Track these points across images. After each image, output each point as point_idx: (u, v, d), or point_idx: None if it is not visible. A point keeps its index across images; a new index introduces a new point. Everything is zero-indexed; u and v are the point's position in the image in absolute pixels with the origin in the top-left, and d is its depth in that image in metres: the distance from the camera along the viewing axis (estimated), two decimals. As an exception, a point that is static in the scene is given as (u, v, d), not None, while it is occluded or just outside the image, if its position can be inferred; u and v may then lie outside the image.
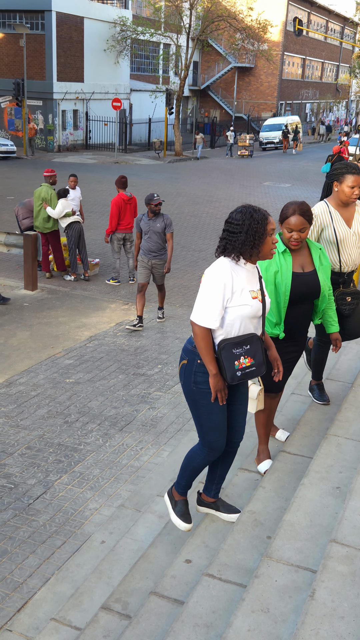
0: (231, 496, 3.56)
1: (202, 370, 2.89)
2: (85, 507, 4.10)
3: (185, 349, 2.97)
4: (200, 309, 2.82)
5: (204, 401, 2.92)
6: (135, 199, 9.66)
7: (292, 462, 3.69)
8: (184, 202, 17.82)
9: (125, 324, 7.80)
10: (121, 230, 9.37)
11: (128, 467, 4.57)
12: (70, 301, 8.68)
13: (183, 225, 14.61)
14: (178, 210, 16.49)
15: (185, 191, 19.99)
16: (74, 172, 20.84)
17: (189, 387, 2.95)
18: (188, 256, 11.74)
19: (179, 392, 5.88)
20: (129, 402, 5.65)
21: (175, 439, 4.98)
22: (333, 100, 60.36)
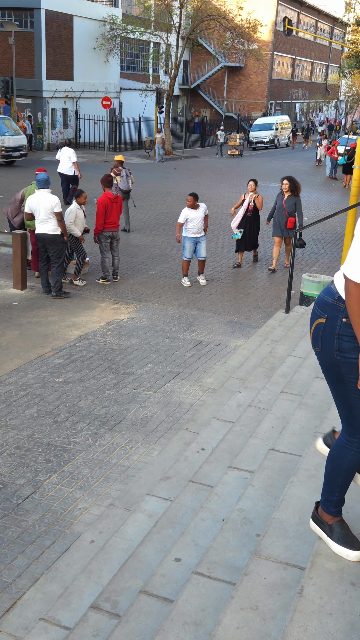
0: (221, 495, 3.57)
1: (349, 334, 2.14)
2: (75, 506, 4.09)
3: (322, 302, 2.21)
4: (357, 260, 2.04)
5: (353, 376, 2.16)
6: (121, 198, 9.66)
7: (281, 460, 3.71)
8: (174, 202, 17.81)
9: (115, 323, 7.79)
10: (108, 229, 9.37)
11: (118, 467, 4.57)
12: (59, 300, 8.65)
13: (173, 225, 14.60)
14: (168, 209, 16.48)
15: (175, 190, 19.98)
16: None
17: (329, 355, 2.19)
18: (178, 256, 11.73)
19: (169, 391, 5.89)
20: (118, 402, 5.64)
21: (165, 438, 4.99)
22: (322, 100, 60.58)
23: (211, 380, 6.18)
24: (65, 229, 8.75)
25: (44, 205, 8.45)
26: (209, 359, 6.81)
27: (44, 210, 8.46)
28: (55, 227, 8.61)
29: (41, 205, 8.46)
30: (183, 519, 3.47)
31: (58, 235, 8.65)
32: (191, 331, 7.68)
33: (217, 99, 49.30)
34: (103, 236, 9.38)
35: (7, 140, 22.36)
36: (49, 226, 8.54)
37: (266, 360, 6.17)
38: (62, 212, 8.59)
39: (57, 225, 8.60)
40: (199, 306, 8.79)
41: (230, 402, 5.19)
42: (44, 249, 8.71)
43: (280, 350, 6.41)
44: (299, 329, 7.01)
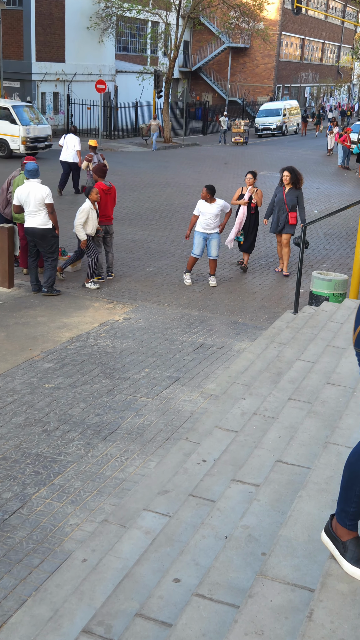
0: (223, 510, 3.56)
1: None
2: (66, 522, 4.09)
3: None
4: None
5: None
6: (115, 189, 9.66)
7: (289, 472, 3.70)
8: (174, 193, 17.83)
9: (109, 325, 7.79)
10: (102, 223, 9.37)
11: (112, 479, 4.56)
12: (50, 300, 8.66)
13: (172, 218, 14.61)
14: (167, 201, 16.49)
15: (175, 181, 20.00)
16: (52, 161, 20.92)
17: None
18: (178, 251, 11.74)
19: (168, 398, 5.89)
20: (113, 409, 5.64)
21: (163, 449, 4.98)
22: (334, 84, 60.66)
23: (213, 386, 6.18)
24: (56, 221, 8.75)
25: (34, 197, 8.45)
26: (210, 363, 6.81)
27: (34, 202, 8.45)
28: (46, 221, 8.60)
29: (31, 196, 8.45)
30: (183, 536, 3.47)
31: (49, 229, 8.64)
32: (192, 333, 7.69)
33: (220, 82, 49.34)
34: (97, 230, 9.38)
35: (32, 130, 21.78)
36: (39, 219, 8.53)
37: (273, 364, 6.17)
38: (53, 203, 8.59)
39: (48, 218, 8.59)
40: (200, 306, 8.79)
41: (234, 410, 5.19)
42: (34, 244, 8.71)
43: (288, 353, 6.41)
44: (308, 331, 7.01)
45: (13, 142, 21.72)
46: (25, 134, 21.53)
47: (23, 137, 21.54)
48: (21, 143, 21.52)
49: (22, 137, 21.55)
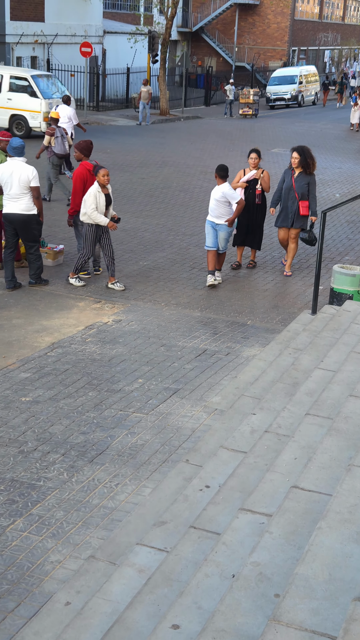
0: (230, 544, 3.56)
1: None
2: (46, 559, 4.09)
3: None
4: None
5: None
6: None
7: (306, 500, 3.70)
8: (172, 174, 17.85)
9: (97, 328, 7.80)
10: None
11: (100, 509, 4.56)
12: (27, 298, 8.66)
13: (170, 203, 14.63)
14: (164, 183, 16.52)
15: (173, 160, 20.02)
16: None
17: None
18: (177, 242, 11.75)
19: (165, 413, 5.89)
20: (101, 426, 5.64)
21: (159, 473, 4.98)
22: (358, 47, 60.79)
23: (218, 400, 6.18)
24: (42, 207, 8.78)
25: (19, 178, 8.47)
26: (215, 372, 6.82)
27: (17, 184, 8.48)
28: (31, 206, 8.63)
29: (15, 177, 8.48)
30: (182, 575, 3.47)
31: (33, 216, 8.69)
32: (193, 337, 7.69)
33: (225, 45, 49.43)
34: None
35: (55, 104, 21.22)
36: (22, 204, 8.57)
37: (287, 374, 6.17)
38: (39, 187, 8.64)
39: (32, 204, 8.63)
40: (202, 306, 8.80)
41: (242, 427, 5.19)
42: (14, 233, 8.72)
43: (306, 361, 6.41)
44: (328, 335, 7.02)
45: (33, 118, 21.47)
46: (47, 109, 21.10)
47: (45, 113, 21.09)
48: (43, 120, 21.13)
49: (44, 113, 21.15)
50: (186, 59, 33.56)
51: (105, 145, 21.04)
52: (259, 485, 4.10)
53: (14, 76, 21.74)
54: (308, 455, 4.35)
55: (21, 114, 21.62)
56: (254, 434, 5.06)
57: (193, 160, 20.23)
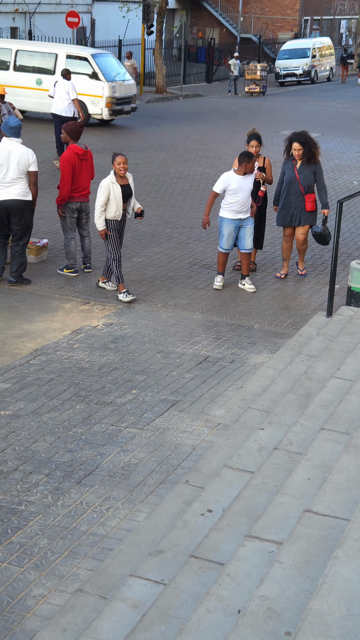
0: (235, 576, 3.56)
1: None
2: (28, 593, 4.08)
3: None
4: None
5: None
6: (91, 154, 9.66)
7: (321, 526, 3.70)
8: (169, 159, 17.87)
9: (85, 332, 7.79)
10: (75, 199, 9.37)
11: (89, 536, 4.56)
12: (6, 299, 8.66)
13: (167, 192, 14.64)
14: (160, 169, 16.53)
15: (170, 143, 20.04)
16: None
17: None
18: (175, 235, 11.76)
19: (162, 428, 5.89)
20: (90, 443, 5.64)
21: (156, 496, 4.98)
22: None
23: (222, 413, 6.17)
24: (36, 194, 8.87)
25: (17, 161, 8.57)
26: (218, 382, 6.81)
27: (15, 168, 8.57)
28: (26, 191, 8.72)
29: (12, 159, 8.57)
30: (182, 611, 3.46)
31: (28, 203, 8.79)
32: (193, 343, 7.69)
33: (229, 14, 49.51)
34: (68, 209, 9.39)
35: (119, 88, 21.11)
36: (18, 189, 8.67)
37: (300, 383, 6.17)
38: (38, 171, 8.76)
39: (28, 189, 8.72)
40: (204, 307, 8.80)
41: (249, 444, 5.18)
42: (3, 221, 8.83)
43: (320, 369, 6.41)
44: (345, 339, 7.02)
45: (93, 104, 20.91)
46: (110, 94, 20.78)
47: (108, 98, 20.75)
48: (105, 106, 20.77)
49: (107, 98, 20.75)
50: (185, 30, 33.64)
51: (94, 127, 21.05)
52: (268, 509, 4.10)
53: (71, 55, 21.09)
54: (323, 475, 4.35)
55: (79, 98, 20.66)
56: (262, 452, 5.06)
57: (193, 143, 20.24)
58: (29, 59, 21.53)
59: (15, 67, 21.33)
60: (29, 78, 21.17)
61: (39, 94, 20.85)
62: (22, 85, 20.88)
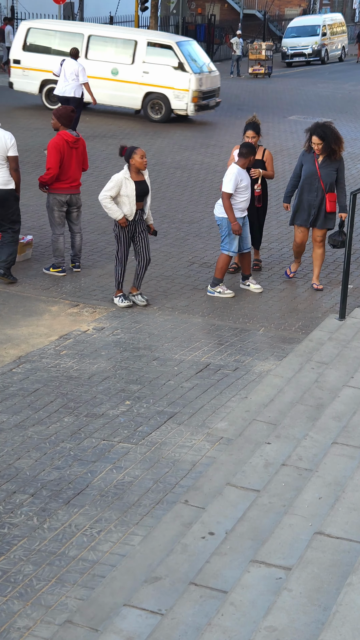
0: (239, 605, 3.56)
1: None
2: (12, 625, 4.07)
3: None
4: None
5: None
6: (84, 141, 9.67)
7: (333, 549, 3.70)
8: (165, 147, 17.88)
9: (74, 338, 7.79)
10: (64, 190, 9.36)
11: (78, 562, 4.55)
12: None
13: (164, 183, 14.64)
14: (156, 159, 16.53)
15: (166, 130, 20.03)
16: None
17: None
18: (172, 231, 11.76)
19: (159, 443, 5.88)
20: (79, 460, 5.63)
21: (152, 517, 4.97)
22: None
23: (224, 426, 6.17)
24: (19, 180, 8.89)
25: None
26: (220, 392, 6.81)
27: None
28: (8, 179, 8.78)
29: None
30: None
31: (11, 191, 8.86)
32: (193, 349, 7.69)
33: (231, -12, 49.57)
34: (56, 201, 9.38)
35: (205, 81, 20.69)
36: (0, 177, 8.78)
37: (310, 393, 6.17)
38: (18, 156, 8.79)
39: (9, 176, 8.77)
40: (204, 310, 8.80)
41: (254, 460, 5.18)
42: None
43: (332, 377, 6.41)
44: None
45: (177, 98, 20.36)
46: (197, 87, 20.29)
47: (195, 92, 20.23)
48: (191, 100, 20.27)
49: (194, 92, 20.22)
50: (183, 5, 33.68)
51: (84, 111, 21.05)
52: (275, 531, 4.09)
53: (152, 43, 20.77)
54: (335, 493, 4.35)
55: (161, 91, 20.46)
56: (269, 468, 5.06)
57: (191, 130, 20.25)
58: (103, 45, 21.03)
59: (87, 55, 20.61)
60: (103, 67, 20.53)
61: (115, 85, 20.55)
62: (95, 75, 19.76)
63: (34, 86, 21.23)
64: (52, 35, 21.39)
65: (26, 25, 21.87)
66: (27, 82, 21.23)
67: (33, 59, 21.05)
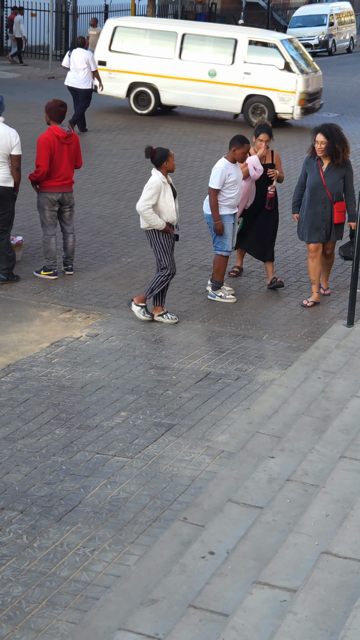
0: (241, 629, 3.55)
1: None
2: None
3: None
4: None
5: None
6: (77, 137, 9.67)
7: (341, 570, 3.70)
8: (163, 143, 17.86)
9: (66, 345, 7.78)
10: (55, 188, 9.35)
11: (70, 583, 4.54)
12: (-26, 307, 8.66)
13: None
14: (153, 155, 16.55)
15: (164, 125, 20.05)
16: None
17: None
18: (170, 232, 11.76)
19: (156, 457, 5.88)
20: (72, 474, 5.63)
21: (148, 535, 4.97)
22: None
23: (225, 438, 6.17)
24: (19, 180, 8.99)
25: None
26: (221, 402, 6.81)
27: None
28: (8, 177, 8.85)
29: None
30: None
31: (10, 190, 8.94)
32: (192, 357, 7.69)
33: (233, -25, 49.68)
34: (47, 200, 9.38)
35: (311, 81, 20.33)
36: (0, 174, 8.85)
37: (316, 404, 6.16)
38: (21, 155, 8.91)
39: (9, 174, 8.85)
40: (204, 315, 8.80)
41: (257, 475, 5.18)
42: None
43: (340, 387, 6.41)
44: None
45: (282, 101, 19.87)
46: (304, 89, 19.89)
47: (302, 94, 19.83)
48: (298, 103, 19.80)
49: (301, 94, 19.81)
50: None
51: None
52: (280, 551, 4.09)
53: (254, 41, 20.35)
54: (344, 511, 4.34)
55: (264, 94, 19.93)
56: (273, 484, 5.05)
57: (190, 125, 20.26)
58: (199, 45, 20.51)
59: (181, 55, 20.19)
60: (199, 69, 20.04)
61: (212, 87, 20.01)
62: (189, 77, 19.75)
63: (121, 90, 20.65)
64: (142, 35, 20.93)
65: (113, 24, 21.27)
66: (113, 86, 20.30)
67: (120, 60, 20.46)
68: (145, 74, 20.32)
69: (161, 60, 20.25)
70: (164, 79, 19.93)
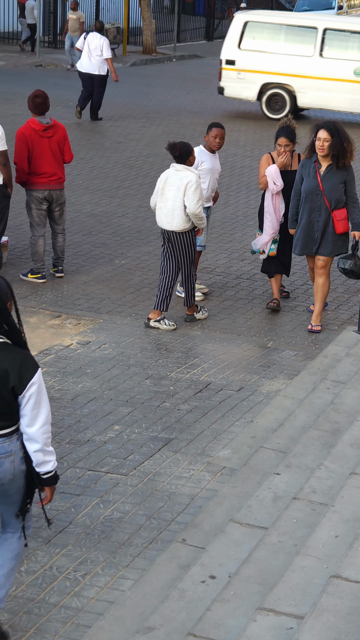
0: (245, 658, 3.56)
1: None
2: None
3: None
4: None
5: None
6: (62, 128, 9.62)
7: (352, 595, 3.71)
8: (159, 136, 17.90)
9: (55, 353, 7.78)
10: (40, 185, 9.34)
11: (60, 610, 4.54)
12: None
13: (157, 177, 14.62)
14: (148, 149, 16.56)
15: (161, 116, 20.07)
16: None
17: None
18: (167, 231, 11.78)
19: (152, 474, 5.88)
20: (62, 493, 5.63)
21: (144, 558, 4.97)
22: None
23: (227, 454, 6.17)
24: (9, 176, 9.01)
25: None
26: (222, 415, 6.81)
27: None
28: None
29: None
30: None
31: (1, 187, 9.03)
32: (191, 366, 7.69)
33: None
34: (33, 197, 9.39)
35: None
36: None
37: (325, 417, 6.17)
38: (7, 150, 8.89)
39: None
40: (203, 322, 8.80)
41: (262, 493, 5.18)
42: None
43: (350, 398, 6.42)
44: (382, 362, 7.04)
45: None
46: None
47: None
48: None
49: None
50: (179, -25, 33.75)
51: (66, 96, 21.05)
52: (286, 574, 4.09)
53: None
54: (354, 531, 4.35)
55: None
56: (278, 502, 5.06)
57: (189, 116, 20.26)
58: (343, 41, 19.89)
59: (322, 53, 19.59)
60: (342, 67, 19.36)
61: (358, 88, 19.20)
62: (331, 77, 19.20)
63: (252, 91, 19.93)
64: (276, 31, 20.16)
65: (243, 19, 20.37)
66: (242, 87, 19.90)
67: (251, 58, 19.74)
68: (280, 74, 19.58)
69: (299, 59, 19.49)
70: (301, 79, 19.25)
